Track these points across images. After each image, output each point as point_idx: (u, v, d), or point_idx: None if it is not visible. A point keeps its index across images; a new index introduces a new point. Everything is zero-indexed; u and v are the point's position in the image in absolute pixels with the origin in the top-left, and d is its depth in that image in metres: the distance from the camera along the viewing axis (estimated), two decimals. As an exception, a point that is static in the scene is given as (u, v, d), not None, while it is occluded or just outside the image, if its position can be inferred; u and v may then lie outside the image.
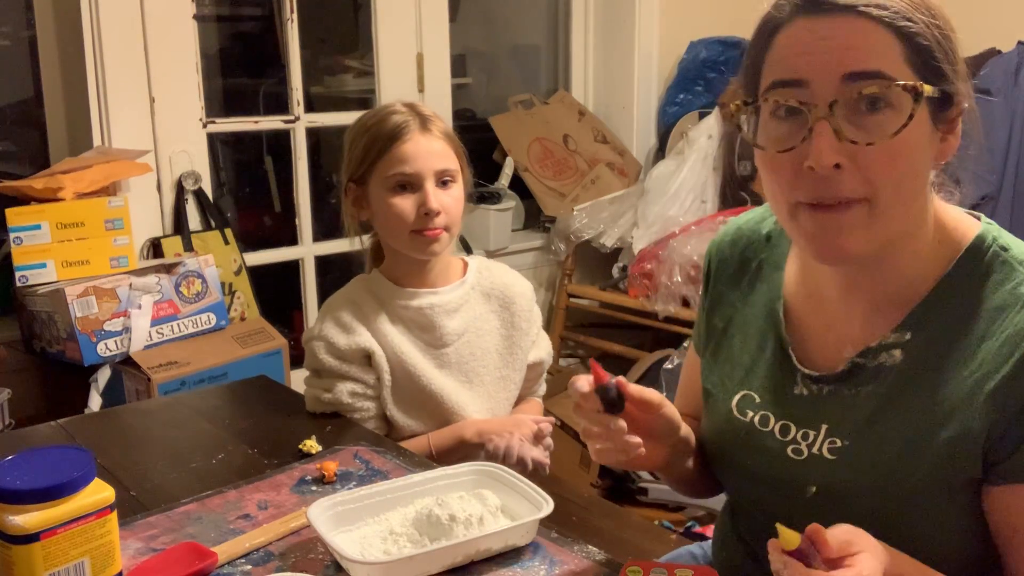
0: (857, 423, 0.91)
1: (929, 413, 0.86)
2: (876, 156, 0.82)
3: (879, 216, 0.84)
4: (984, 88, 2.16)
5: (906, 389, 0.89)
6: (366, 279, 1.55)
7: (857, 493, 0.90)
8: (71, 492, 0.88)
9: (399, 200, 1.46)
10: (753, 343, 1.02)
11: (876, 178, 0.82)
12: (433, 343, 1.51)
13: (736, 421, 1.01)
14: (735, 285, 1.07)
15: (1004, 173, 2.08)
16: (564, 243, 3.21)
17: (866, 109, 0.82)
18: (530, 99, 3.42)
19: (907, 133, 0.82)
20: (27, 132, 2.73)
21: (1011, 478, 0.84)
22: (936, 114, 0.84)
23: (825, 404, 0.94)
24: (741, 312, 1.06)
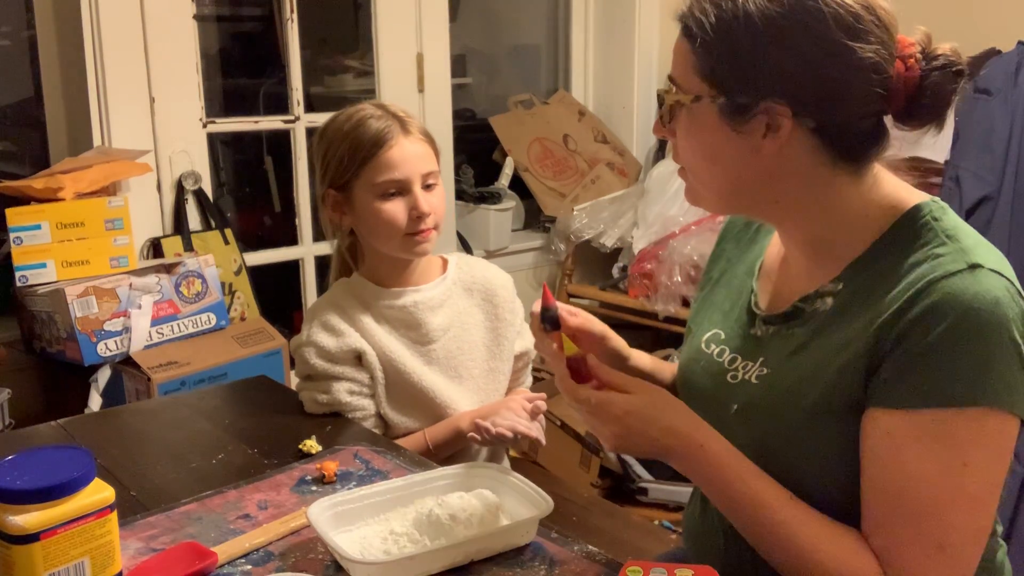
0: (783, 356, 1.03)
1: (834, 347, 0.97)
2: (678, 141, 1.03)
3: (698, 185, 1.04)
4: (984, 88, 2.16)
5: (826, 329, 0.99)
6: (347, 282, 1.56)
7: (764, 412, 1.02)
8: (71, 492, 0.88)
9: (390, 206, 1.46)
10: (734, 292, 1.16)
11: (680, 154, 1.04)
12: (420, 340, 1.52)
13: (701, 352, 1.15)
14: (736, 243, 1.22)
15: (1004, 173, 2.07)
16: (564, 243, 3.21)
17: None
18: (530, 99, 3.42)
19: (686, 125, 1.00)
20: (27, 132, 2.73)
21: (875, 403, 0.92)
22: (730, 118, 0.96)
23: (768, 342, 1.07)
24: (734, 266, 1.19)
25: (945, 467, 0.89)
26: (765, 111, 0.94)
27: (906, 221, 0.98)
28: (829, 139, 0.96)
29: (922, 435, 0.89)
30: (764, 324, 1.08)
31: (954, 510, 0.89)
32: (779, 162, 0.98)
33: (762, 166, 0.98)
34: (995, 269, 0.91)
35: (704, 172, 1.02)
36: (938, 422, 0.89)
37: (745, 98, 0.95)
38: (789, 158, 0.97)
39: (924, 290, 0.90)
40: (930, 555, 0.90)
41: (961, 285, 0.89)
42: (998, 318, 0.88)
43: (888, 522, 0.92)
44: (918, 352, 0.89)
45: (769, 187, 1.00)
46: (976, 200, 2.09)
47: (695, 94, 0.98)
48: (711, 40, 0.95)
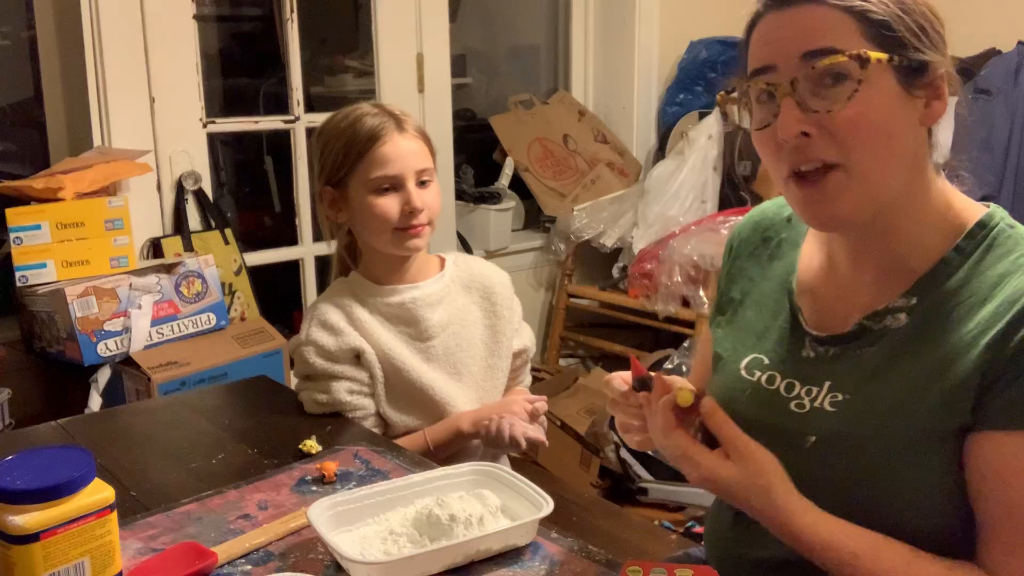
0: (859, 379, 0.96)
1: (928, 368, 0.91)
2: (841, 121, 0.89)
3: (857, 178, 0.91)
4: (984, 88, 2.16)
5: (908, 348, 0.94)
6: (345, 281, 1.56)
7: (852, 443, 0.95)
8: (71, 492, 0.88)
9: (383, 201, 1.47)
10: (767, 312, 1.08)
11: (845, 140, 0.90)
12: (418, 336, 1.52)
13: (743, 380, 1.06)
14: (755, 260, 1.14)
15: (1004, 173, 2.07)
16: (564, 243, 3.21)
17: (830, 82, 0.90)
18: (530, 99, 3.42)
19: (867, 97, 0.89)
20: (27, 132, 2.73)
21: (988, 424, 0.88)
22: (907, 80, 0.91)
23: (830, 363, 0.99)
24: (759, 285, 1.12)
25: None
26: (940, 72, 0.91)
27: (980, 230, 0.94)
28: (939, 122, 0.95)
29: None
30: (820, 345, 1.01)
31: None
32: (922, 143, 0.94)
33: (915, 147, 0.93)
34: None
35: (878, 154, 0.91)
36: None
37: (921, 55, 0.91)
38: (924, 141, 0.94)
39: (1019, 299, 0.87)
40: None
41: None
42: None
43: (1010, 549, 0.88)
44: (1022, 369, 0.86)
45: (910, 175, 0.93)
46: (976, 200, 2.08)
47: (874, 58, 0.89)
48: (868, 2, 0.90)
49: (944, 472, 0.91)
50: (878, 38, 0.90)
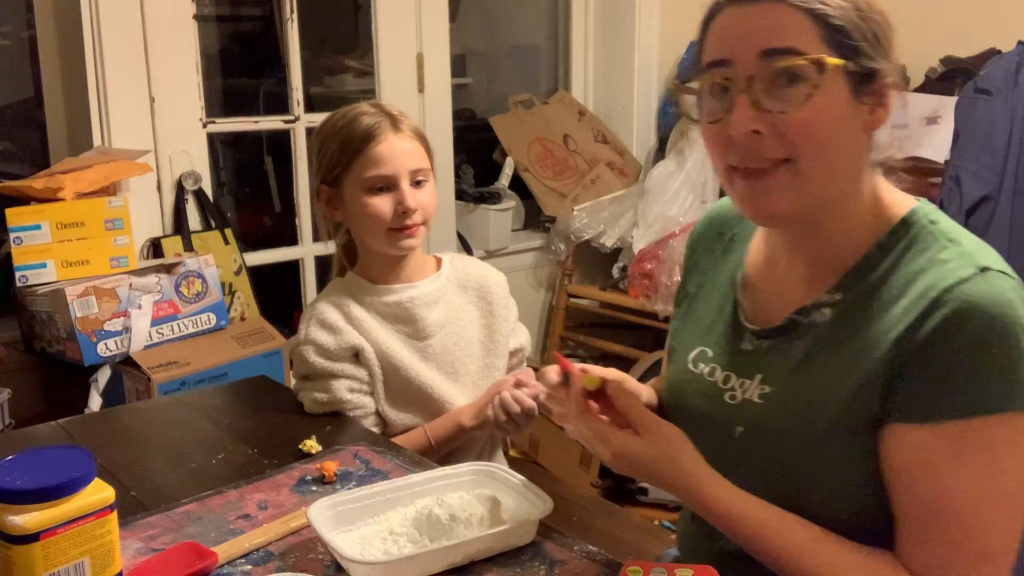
0: (785, 372, 1.00)
1: (844, 362, 0.94)
2: (793, 122, 0.91)
3: (802, 177, 0.93)
4: (984, 88, 2.16)
5: (829, 342, 0.97)
6: (342, 281, 1.57)
7: (775, 434, 0.99)
8: (71, 492, 0.88)
9: (376, 200, 1.47)
10: (715, 306, 1.12)
11: (795, 140, 0.92)
12: (415, 336, 1.52)
13: (689, 373, 1.11)
14: (710, 255, 1.18)
15: (1004, 173, 2.07)
16: (564, 243, 3.21)
17: (784, 82, 0.91)
18: (530, 99, 3.42)
19: (820, 100, 0.91)
20: (27, 132, 2.73)
21: (895, 417, 0.90)
22: (857, 87, 0.92)
23: (763, 356, 1.03)
24: (711, 279, 1.16)
25: (982, 475, 0.88)
26: (887, 80, 0.93)
27: (903, 227, 0.97)
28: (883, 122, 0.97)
29: (956, 446, 0.88)
30: (756, 338, 1.05)
31: (994, 516, 0.89)
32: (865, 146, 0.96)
33: (861, 149, 0.96)
34: (1002, 270, 0.90)
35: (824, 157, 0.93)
36: (972, 431, 0.88)
37: (872, 63, 0.92)
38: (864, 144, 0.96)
39: (939, 299, 0.89)
40: (974, 564, 0.89)
41: (977, 291, 0.88)
42: (1015, 320, 0.87)
43: (930, 537, 0.90)
44: (943, 363, 0.88)
45: (852, 177, 0.96)
46: (976, 200, 2.08)
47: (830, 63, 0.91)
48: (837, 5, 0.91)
49: (859, 463, 0.93)
50: (835, 43, 0.91)
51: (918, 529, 0.91)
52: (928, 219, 0.97)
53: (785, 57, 0.90)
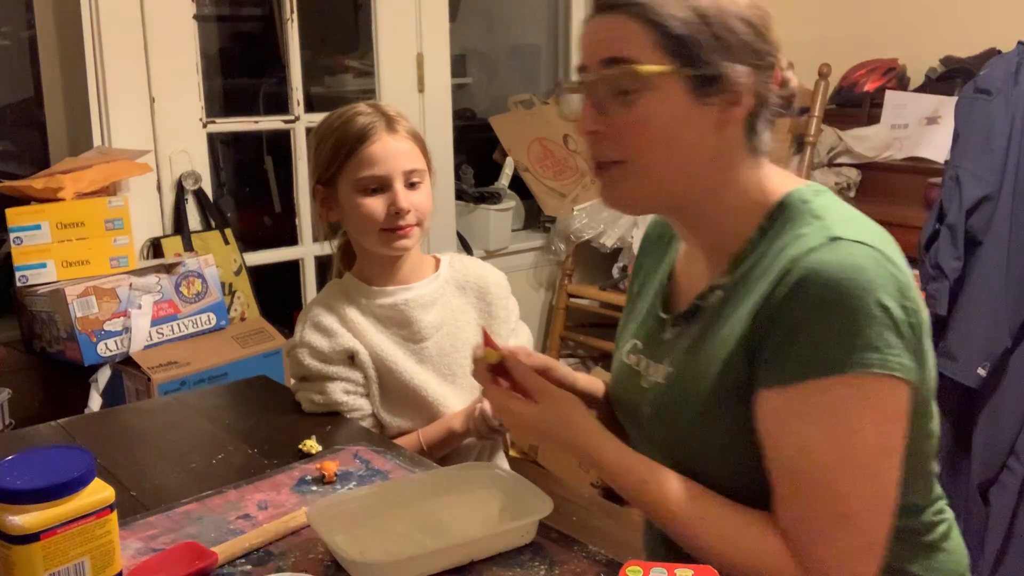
0: (682, 353, 1.07)
1: (721, 338, 1.00)
2: (626, 125, 0.99)
3: (637, 174, 1.01)
4: (984, 88, 2.16)
5: (716, 322, 1.03)
6: (339, 283, 1.56)
7: (671, 411, 1.06)
8: (71, 492, 0.88)
9: (369, 201, 1.47)
10: (648, 300, 1.19)
11: (627, 142, 0.99)
12: (411, 338, 1.52)
13: (622, 364, 1.19)
14: (653, 256, 1.24)
15: (1004, 173, 2.07)
16: (564, 243, 3.21)
17: (619, 88, 0.98)
18: (530, 99, 3.42)
19: (652, 104, 0.97)
20: (27, 132, 2.74)
21: (760, 383, 0.95)
22: (699, 89, 0.97)
23: (673, 343, 1.10)
24: (651, 278, 1.22)
25: (832, 436, 0.91)
26: (732, 82, 0.97)
27: (780, 208, 1.02)
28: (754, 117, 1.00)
29: (805, 408, 0.92)
30: (672, 327, 1.11)
31: (848, 478, 0.91)
32: (721, 143, 1.00)
33: (711, 147, 1.00)
34: (858, 239, 0.92)
35: (655, 158, 0.99)
36: (817, 392, 0.91)
37: (713, 68, 0.97)
38: (728, 138, 1.00)
39: (789, 269, 0.93)
40: (833, 525, 0.91)
41: (820, 258, 0.91)
42: (861, 284, 0.90)
43: (789, 498, 0.94)
44: (788, 329, 0.92)
45: (706, 173, 1.01)
46: (976, 200, 2.08)
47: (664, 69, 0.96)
48: (664, 15, 0.96)
49: (743, 433, 0.97)
50: (672, 51, 0.96)
51: (781, 490, 0.95)
52: (801, 199, 1.00)
53: (619, 65, 0.97)
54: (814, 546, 0.92)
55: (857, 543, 0.92)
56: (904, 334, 0.91)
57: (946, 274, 2.10)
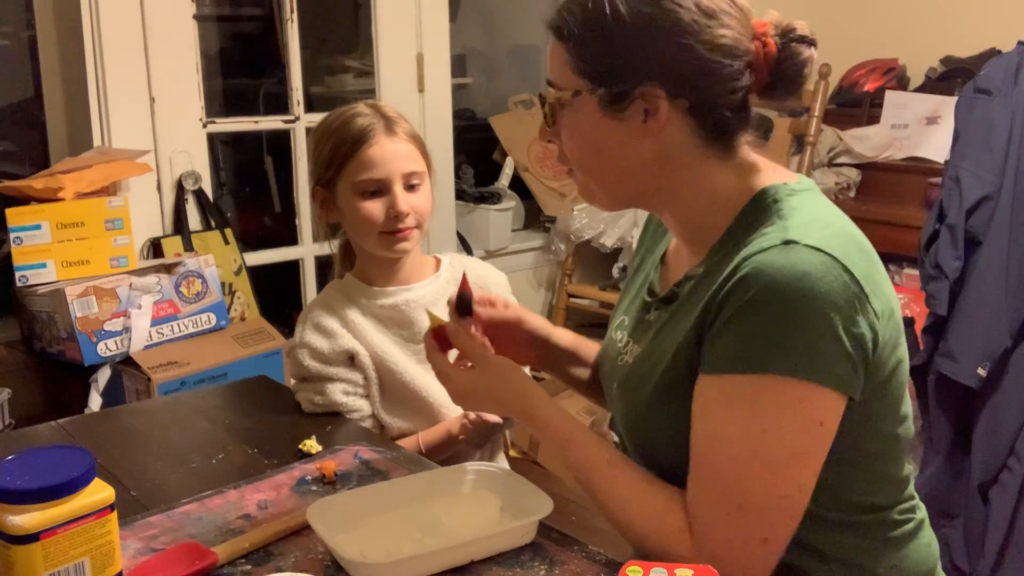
0: (651, 335, 1.10)
1: (681, 325, 1.03)
2: (564, 139, 1.07)
3: (587, 179, 1.08)
4: (984, 88, 2.16)
5: (679, 311, 1.06)
6: (340, 283, 1.56)
7: (630, 389, 1.10)
8: (71, 492, 0.88)
9: (368, 204, 1.46)
10: (641, 280, 1.22)
11: (568, 154, 1.08)
12: (412, 338, 1.52)
13: (610, 339, 1.22)
14: (653, 236, 1.27)
15: (1004, 173, 2.07)
16: (564, 243, 3.22)
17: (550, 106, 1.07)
18: (530, 99, 3.42)
19: (572, 122, 1.04)
20: (27, 132, 2.74)
21: (701, 368, 0.98)
22: (608, 106, 1.01)
23: (650, 325, 1.13)
24: (648, 258, 1.25)
25: (743, 430, 0.93)
26: (641, 95, 0.99)
27: (753, 203, 1.02)
28: (701, 118, 1.01)
29: (725, 398, 0.94)
30: (654, 310, 1.14)
31: (751, 473, 0.93)
32: (659, 147, 1.02)
33: (645, 152, 1.02)
34: (814, 246, 0.92)
35: (593, 165, 1.06)
36: (738, 386, 0.93)
37: (621, 86, 1.00)
38: (667, 142, 1.02)
39: (740, 266, 0.94)
40: (730, 513, 0.94)
41: (768, 259, 0.92)
42: (802, 290, 0.90)
43: (696, 479, 0.97)
44: (725, 320, 0.94)
45: (651, 174, 1.04)
46: (976, 200, 2.08)
47: (574, 90, 1.02)
48: (582, 36, 1.00)
49: (683, 419, 0.99)
50: (581, 70, 1.02)
51: (693, 471, 0.97)
52: (773, 197, 1.01)
53: (549, 87, 1.06)
54: (710, 529, 0.95)
55: (751, 536, 0.94)
56: (845, 345, 0.91)
57: (946, 274, 2.10)
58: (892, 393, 1.01)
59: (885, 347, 0.97)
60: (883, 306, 0.95)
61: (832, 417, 0.94)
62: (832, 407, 0.93)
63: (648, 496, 1.01)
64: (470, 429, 1.45)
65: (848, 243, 0.96)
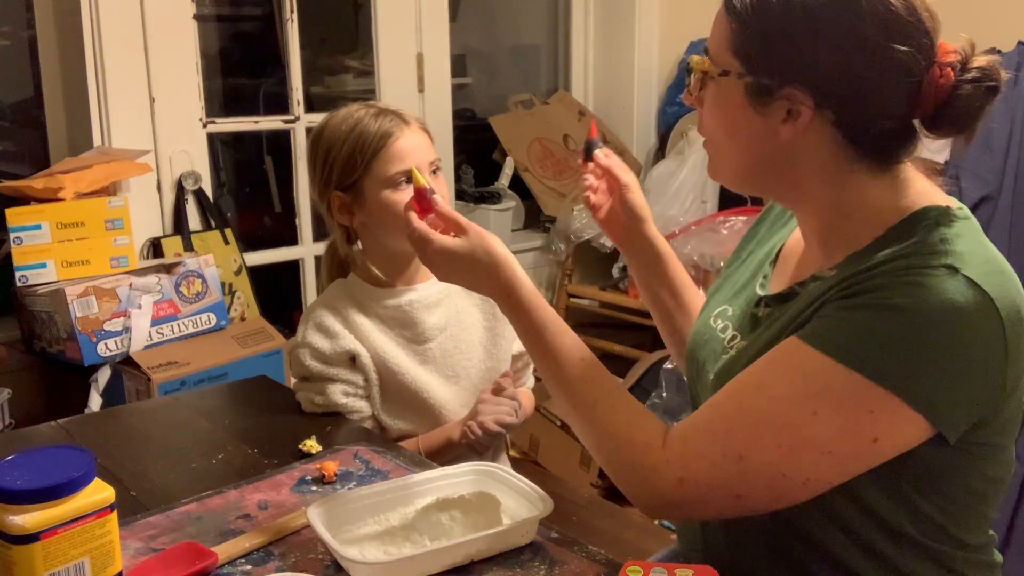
0: (759, 332, 1.05)
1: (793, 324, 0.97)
2: (704, 107, 1.03)
3: (714, 153, 1.05)
4: (984, 88, 2.16)
5: (798, 307, 1.00)
6: (343, 284, 1.56)
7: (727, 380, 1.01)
8: (71, 492, 0.88)
9: (404, 196, 1.45)
10: (750, 271, 1.18)
11: (704, 122, 1.04)
12: (415, 339, 1.51)
13: (708, 326, 1.16)
14: (770, 226, 1.22)
15: (1004, 173, 2.07)
16: (564, 243, 3.21)
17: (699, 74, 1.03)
18: (530, 99, 3.43)
19: (714, 96, 1.00)
20: (27, 132, 2.74)
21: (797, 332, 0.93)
22: (753, 96, 0.97)
23: (761, 321, 1.08)
24: (760, 247, 1.20)
25: (793, 400, 0.89)
26: (787, 97, 0.94)
27: (909, 221, 0.96)
28: (849, 134, 0.95)
29: (799, 367, 0.90)
30: (765, 305, 1.09)
31: (771, 438, 0.90)
32: (797, 148, 0.97)
33: (780, 149, 0.98)
34: (976, 280, 0.87)
35: (724, 146, 1.03)
36: (823, 368, 0.88)
37: (769, 80, 0.95)
38: (807, 146, 0.97)
39: (888, 270, 0.90)
40: (726, 456, 0.91)
41: (927, 276, 0.87)
42: (949, 324, 0.86)
43: (712, 408, 0.94)
44: (848, 305, 0.90)
45: (785, 171, 1.00)
46: (976, 200, 2.09)
47: (724, 68, 0.98)
48: (748, 17, 0.95)
49: None
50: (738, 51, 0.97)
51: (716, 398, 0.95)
52: (936, 220, 0.94)
53: (704, 54, 1.02)
54: (696, 459, 0.92)
55: (730, 486, 0.91)
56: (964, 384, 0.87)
57: (946, 274, 2.10)
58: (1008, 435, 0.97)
59: (1012, 393, 0.92)
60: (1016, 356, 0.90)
61: (897, 440, 0.89)
62: (905, 431, 0.88)
63: (619, 402, 0.99)
64: (475, 435, 1.44)
65: (1006, 283, 0.90)
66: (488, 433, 1.44)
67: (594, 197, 1.31)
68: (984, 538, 1.04)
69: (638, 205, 1.29)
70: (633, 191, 1.29)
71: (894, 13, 0.91)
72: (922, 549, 0.97)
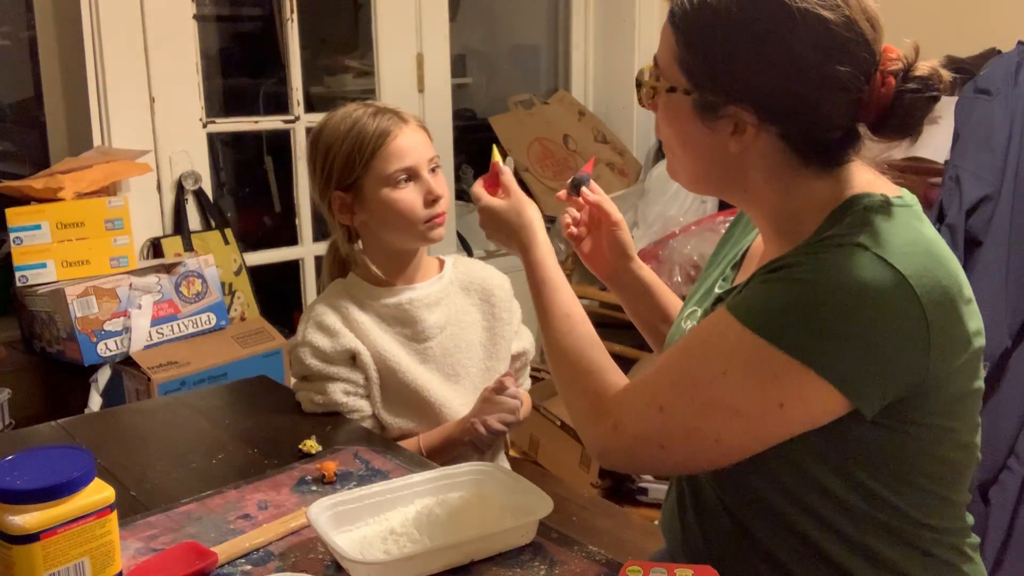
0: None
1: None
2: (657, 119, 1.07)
3: (671, 158, 1.09)
4: (984, 88, 2.15)
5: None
6: (343, 283, 1.56)
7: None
8: (71, 492, 0.88)
9: (404, 193, 1.47)
10: (718, 274, 1.21)
11: (659, 128, 1.08)
12: (415, 338, 1.52)
13: (679, 328, 1.21)
14: (744, 228, 1.25)
15: (1004, 173, 2.07)
16: (564, 243, 3.21)
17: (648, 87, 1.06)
18: (530, 99, 3.43)
19: (664, 108, 1.04)
20: (27, 132, 2.73)
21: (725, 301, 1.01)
22: (701, 111, 0.99)
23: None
24: (730, 251, 1.23)
25: (709, 360, 0.95)
26: (732, 114, 0.97)
27: (843, 207, 0.98)
28: (795, 145, 0.98)
29: (719, 332, 0.96)
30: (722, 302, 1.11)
31: (685, 392, 0.96)
32: (746, 158, 1.00)
33: (730, 159, 1.01)
34: (886, 257, 0.89)
35: (678, 153, 1.07)
36: (738, 335, 0.93)
37: (714, 98, 0.97)
38: (756, 156, 1.00)
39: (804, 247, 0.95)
40: (649, 407, 0.98)
41: (831, 255, 0.91)
42: (844, 290, 0.89)
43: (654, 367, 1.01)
44: (765, 278, 0.95)
45: (737, 177, 1.03)
46: (976, 200, 2.08)
47: (672, 84, 1.01)
48: (690, 35, 0.98)
49: None
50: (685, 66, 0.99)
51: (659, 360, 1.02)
52: (865, 205, 0.96)
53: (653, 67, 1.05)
54: (627, 409, 1.00)
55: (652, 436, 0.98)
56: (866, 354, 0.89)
57: (946, 274, 2.10)
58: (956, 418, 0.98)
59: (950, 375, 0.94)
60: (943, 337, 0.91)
61: (808, 408, 0.92)
62: (813, 399, 0.91)
63: (590, 354, 1.08)
64: (479, 433, 1.44)
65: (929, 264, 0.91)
66: (492, 431, 1.44)
67: (575, 230, 1.38)
68: (957, 523, 1.05)
69: (627, 243, 1.35)
70: (623, 229, 1.35)
71: (832, 31, 0.92)
72: (888, 531, 0.99)
